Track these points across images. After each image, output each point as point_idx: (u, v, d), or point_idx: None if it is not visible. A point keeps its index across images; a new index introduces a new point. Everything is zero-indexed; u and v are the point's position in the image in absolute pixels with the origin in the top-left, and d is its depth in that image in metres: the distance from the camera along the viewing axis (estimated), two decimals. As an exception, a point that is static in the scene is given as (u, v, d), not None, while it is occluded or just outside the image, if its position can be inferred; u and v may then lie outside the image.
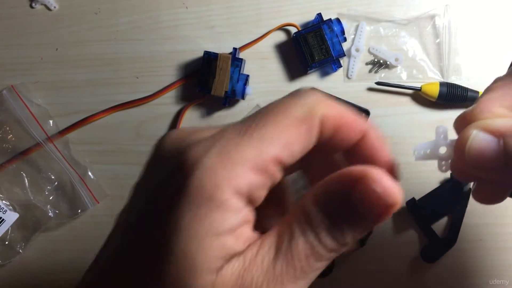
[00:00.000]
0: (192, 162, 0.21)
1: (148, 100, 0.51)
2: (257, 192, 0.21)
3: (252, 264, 0.21)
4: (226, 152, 0.21)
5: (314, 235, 0.21)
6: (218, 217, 0.20)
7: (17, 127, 0.50)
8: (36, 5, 0.53)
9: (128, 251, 0.22)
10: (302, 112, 0.22)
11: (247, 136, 0.21)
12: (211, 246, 0.20)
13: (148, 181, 0.23)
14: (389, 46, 0.51)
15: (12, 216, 0.49)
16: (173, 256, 0.20)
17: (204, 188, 0.20)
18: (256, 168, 0.21)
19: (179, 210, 0.20)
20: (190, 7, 0.53)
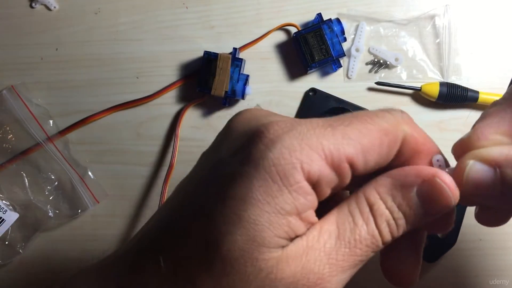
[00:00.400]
0: (272, 137, 0.21)
1: (148, 100, 0.51)
2: (324, 185, 0.21)
3: (315, 247, 0.21)
4: (307, 137, 0.21)
5: (376, 226, 0.22)
6: (289, 197, 0.20)
7: (17, 127, 0.50)
8: (36, 5, 0.53)
9: (190, 211, 0.22)
10: (388, 125, 0.22)
11: (330, 129, 0.21)
12: (280, 223, 0.20)
13: (217, 150, 0.23)
14: (389, 46, 0.51)
15: (12, 216, 0.49)
16: (242, 225, 0.20)
17: (280, 166, 0.20)
18: (331, 162, 0.21)
19: (252, 181, 0.20)
20: (190, 7, 0.53)
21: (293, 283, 0.20)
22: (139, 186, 0.51)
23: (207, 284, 0.20)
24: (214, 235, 0.20)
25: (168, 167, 0.49)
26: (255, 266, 0.20)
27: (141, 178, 0.51)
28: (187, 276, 0.21)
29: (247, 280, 0.20)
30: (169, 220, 0.22)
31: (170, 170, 0.48)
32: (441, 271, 0.49)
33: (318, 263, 0.21)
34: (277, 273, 0.20)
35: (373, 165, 0.22)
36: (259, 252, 0.20)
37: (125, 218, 0.50)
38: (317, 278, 0.21)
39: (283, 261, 0.20)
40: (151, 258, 0.21)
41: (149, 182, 0.51)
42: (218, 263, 0.20)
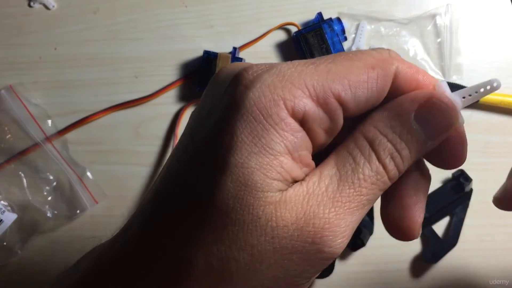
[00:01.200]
0: (251, 78, 0.20)
1: (147, 100, 0.51)
2: (313, 123, 0.20)
3: (316, 192, 0.20)
4: (287, 74, 0.20)
5: (379, 161, 0.21)
6: (276, 135, 0.20)
7: (15, 127, 0.50)
8: (34, 4, 0.52)
9: (179, 165, 0.21)
10: (375, 60, 0.21)
11: (312, 66, 0.21)
12: (271, 164, 0.19)
13: (203, 105, 0.23)
14: (390, 45, 0.51)
15: (10, 217, 0.48)
16: (231, 171, 0.19)
17: (262, 104, 0.19)
18: (316, 98, 0.20)
19: (235, 124, 0.19)
20: (190, 6, 0.52)
21: (297, 230, 0.19)
22: (138, 187, 0.50)
23: (206, 239, 0.19)
24: (205, 188, 0.20)
25: (167, 167, 0.48)
26: (253, 214, 0.19)
27: (140, 179, 0.50)
28: (185, 236, 0.20)
29: (247, 230, 0.19)
30: (164, 186, 0.22)
31: (170, 170, 0.48)
32: (443, 272, 0.48)
33: (323, 208, 0.20)
34: (277, 220, 0.19)
35: (364, 102, 0.21)
36: (253, 198, 0.19)
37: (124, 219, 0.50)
38: (324, 223, 0.20)
39: (281, 207, 0.19)
40: (148, 229, 0.21)
41: (148, 182, 0.50)
42: (213, 215, 0.19)
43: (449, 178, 0.49)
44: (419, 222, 0.24)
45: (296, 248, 0.19)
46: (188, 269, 0.19)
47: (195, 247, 0.19)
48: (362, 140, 0.21)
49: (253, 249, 0.19)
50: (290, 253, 0.19)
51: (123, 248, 0.21)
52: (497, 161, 0.50)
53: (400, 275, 0.49)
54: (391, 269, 0.49)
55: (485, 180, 0.49)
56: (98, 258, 0.22)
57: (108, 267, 0.21)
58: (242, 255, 0.19)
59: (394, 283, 0.49)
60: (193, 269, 0.19)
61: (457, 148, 0.23)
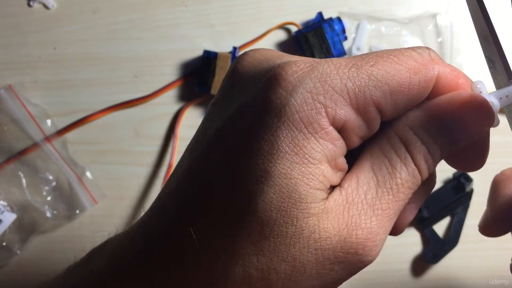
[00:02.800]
0: (291, 80, 0.19)
1: (147, 100, 0.51)
2: (351, 131, 0.20)
3: (356, 200, 0.20)
4: (330, 78, 0.19)
5: (415, 164, 0.20)
6: (317, 145, 0.19)
7: (14, 127, 0.50)
8: (34, 4, 0.52)
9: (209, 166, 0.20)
10: (417, 64, 0.20)
11: (355, 69, 0.20)
12: (313, 174, 0.19)
13: (229, 99, 0.21)
14: (390, 45, 0.51)
15: (9, 217, 0.48)
16: (274, 182, 0.18)
17: (303, 112, 0.19)
18: (357, 106, 0.20)
19: (275, 132, 0.19)
20: (189, 6, 0.52)
21: (340, 242, 0.19)
22: (138, 187, 0.50)
23: (247, 250, 0.19)
24: (245, 197, 0.19)
25: (167, 167, 0.48)
26: (296, 226, 0.19)
27: (140, 179, 0.50)
28: (224, 245, 0.19)
29: (289, 242, 0.19)
30: (190, 188, 0.20)
31: (169, 170, 0.48)
32: (443, 272, 0.48)
33: (364, 217, 0.19)
34: (320, 232, 0.19)
35: (403, 107, 0.21)
36: (297, 210, 0.19)
37: (124, 219, 0.50)
38: (367, 233, 0.19)
39: (323, 218, 0.19)
40: (182, 232, 0.19)
41: (148, 182, 0.50)
42: (255, 226, 0.19)
43: (450, 178, 0.49)
44: (407, 221, 0.23)
45: (338, 259, 0.19)
46: (225, 279, 0.19)
47: (233, 257, 0.19)
48: (397, 141, 0.21)
49: (295, 261, 0.19)
50: (332, 264, 0.19)
51: (146, 249, 0.20)
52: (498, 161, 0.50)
53: (401, 275, 0.49)
54: (392, 269, 0.49)
55: (485, 180, 0.49)
56: (115, 256, 0.21)
57: (129, 267, 0.20)
58: (283, 266, 0.19)
59: (394, 283, 0.49)
60: (229, 280, 0.19)
61: (480, 150, 0.23)
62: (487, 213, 0.28)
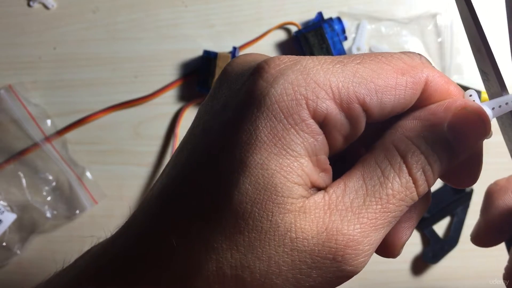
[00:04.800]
0: (273, 72, 0.19)
1: (147, 100, 0.51)
2: (333, 127, 0.19)
3: (340, 206, 0.19)
4: (312, 72, 0.19)
5: (410, 175, 0.20)
6: (296, 136, 0.18)
7: (14, 127, 0.50)
8: (34, 4, 0.52)
9: (189, 161, 0.19)
10: (406, 66, 0.20)
11: (339, 66, 0.19)
12: (291, 166, 0.18)
13: (216, 97, 0.21)
14: (390, 45, 0.51)
15: (9, 217, 0.48)
16: (250, 172, 0.18)
17: (283, 103, 0.18)
18: (340, 101, 0.19)
19: (254, 122, 0.18)
20: (189, 6, 0.52)
21: (318, 245, 0.18)
22: (138, 187, 0.50)
23: (221, 244, 0.18)
24: (222, 187, 0.18)
25: (167, 167, 0.48)
26: (271, 221, 0.18)
27: (139, 179, 0.50)
28: (198, 238, 0.18)
29: (264, 238, 0.18)
30: (172, 182, 0.20)
31: (169, 171, 0.48)
32: (443, 272, 0.48)
33: (347, 223, 0.18)
34: (296, 231, 0.18)
35: (390, 109, 0.20)
36: (273, 203, 0.18)
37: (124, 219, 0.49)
38: (348, 240, 0.18)
39: (301, 217, 0.18)
40: (159, 224, 0.19)
41: (148, 182, 0.50)
42: (230, 219, 0.18)
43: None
44: (403, 241, 0.23)
45: (315, 264, 0.18)
46: (197, 274, 0.18)
47: (207, 251, 0.18)
48: (393, 151, 0.20)
49: (270, 260, 0.18)
50: (309, 269, 0.18)
51: (126, 245, 0.20)
52: (497, 161, 0.50)
53: (401, 275, 0.49)
54: (392, 269, 0.49)
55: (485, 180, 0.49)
56: (97, 255, 0.21)
57: (108, 264, 0.20)
58: (258, 264, 0.18)
59: (394, 283, 0.49)
60: (202, 274, 0.18)
61: (474, 165, 0.22)
62: (480, 223, 0.28)
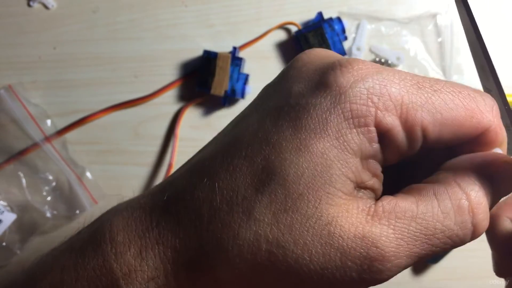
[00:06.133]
0: (355, 74, 0.20)
1: (147, 100, 0.51)
2: (390, 142, 0.20)
3: (383, 222, 0.19)
4: (390, 85, 0.20)
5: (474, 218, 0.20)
6: (356, 137, 0.19)
7: (14, 127, 0.50)
8: (34, 4, 0.52)
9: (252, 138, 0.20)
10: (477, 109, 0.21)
11: (416, 87, 0.20)
12: (348, 162, 0.19)
13: (287, 82, 0.22)
14: (390, 45, 0.51)
15: (9, 217, 0.48)
16: (310, 157, 0.19)
17: (355, 105, 0.19)
18: (405, 120, 0.20)
19: (324, 113, 0.19)
20: (189, 6, 0.52)
21: (351, 249, 0.18)
22: (138, 187, 0.50)
23: (265, 217, 0.19)
24: (278, 163, 0.19)
25: (167, 167, 0.48)
26: (317, 209, 0.18)
27: (140, 179, 0.50)
28: (244, 205, 0.19)
29: (305, 223, 0.18)
30: (225, 146, 0.21)
31: (169, 170, 0.48)
32: (443, 272, 0.48)
33: (384, 239, 0.19)
34: (336, 227, 0.18)
35: (445, 141, 0.21)
36: (324, 191, 0.19)
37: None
38: (379, 254, 0.19)
39: (343, 215, 0.19)
40: (204, 184, 0.20)
41: (148, 182, 0.50)
42: (279, 195, 0.19)
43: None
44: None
45: (342, 265, 0.19)
46: (233, 240, 0.19)
47: (249, 220, 0.19)
48: (457, 189, 0.20)
49: (304, 247, 0.18)
50: (335, 268, 0.19)
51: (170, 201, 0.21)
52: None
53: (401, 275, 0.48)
54: (392, 269, 0.49)
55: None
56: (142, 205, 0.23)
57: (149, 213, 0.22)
58: (292, 248, 0.18)
59: (394, 283, 0.48)
60: (237, 242, 0.19)
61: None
62: (493, 255, 0.28)
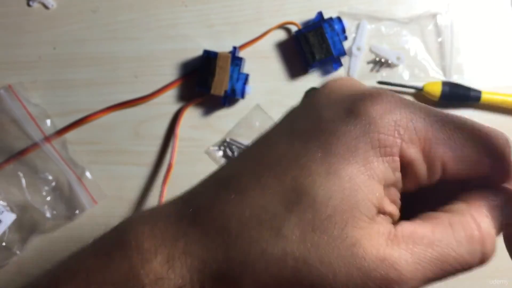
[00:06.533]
0: (385, 107, 0.21)
1: (146, 100, 0.51)
2: (411, 173, 0.21)
3: (402, 246, 0.20)
4: (416, 119, 0.21)
5: (483, 247, 0.22)
6: (382, 165, 0.20)
7: (14, 127, 0.50)
8: (33, 4, 0.52)
9: (282, 159, 0.21)
10: (493, 147, 0.22)
11: (440, 124, 0.21)
12: (373, 188, 0.20)
13: (315, 107, 0.23)
14: (390, 45, 0.51)
15: (9, 217, 0.48)
16: (339, 181, 0.20)
17: (383, 135, 0.20)
18: (427, 155, 0.21)
19: (353, 141, 0.20)
20: (189, 5, 0.52)
21: (373, 270, 0.19)
22: (138, 187, 0.50)
23: (293, 235, 0.19)
24: (308, 185, 0.20)
25: (167, 167, 0.48)
26: (343, 231, 0.19)
27: (139, 179, 0.50)
28: (273, 223, 0.19)
29: (331, 243, 0.19)
30: (252, 164, 0.21)
31: (169, 170, 0.48)
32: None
33: (404, 263, 0.20)
34: (359, 248, 0.19)
35: (462, 176, 0.22)
36: (350, 215, 0.19)
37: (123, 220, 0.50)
38: (398, 277, 0.19)
39: (366, 238, 0.19)
40: (234, 199, 0.20)
41: (148, 182, 0.50)
42: (308, 215, 0.19)
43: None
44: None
45: (362, 286, 0.19)
46: (260, 255, 0.19)
47: (277, 237, 0.19)
48: (471, 221, 0.21)
49: (329, 266, 0.19)
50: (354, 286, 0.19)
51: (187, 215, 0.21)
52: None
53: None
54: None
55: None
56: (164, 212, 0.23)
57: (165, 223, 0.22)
58: (318, 265, 0.19)
59: (394, 284, 0.49)
60: (264, 257, 0.19)
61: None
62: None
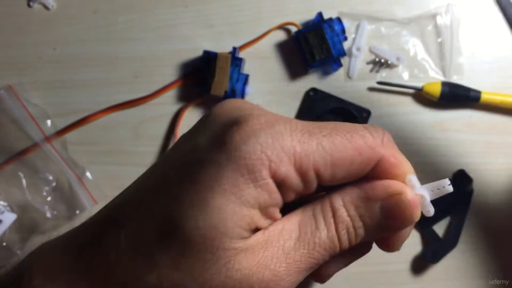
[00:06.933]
0: (248, 131, 0.22)
1: (146, 100, 0.51)
2: (289, 188, 0.22)
3: (274, 245, 0.22)
4: (282, 138, 0.22)
5: (336, 231, 0.23)
6: (254, 191, 0.21)
7: (14, 127, 0.50)
8: (33, 4, 0.52)
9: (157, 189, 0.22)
10: (365, 145, 0.23)
11: (307, 136, 0.22)
12: (243, 215, 0.21)
13: (196, 135, 0.24)
14: (390, 45, 0.51)
15: (9, 217, 0.48)
16: (207, 212, 0.21)
17: (250, 160, 0.21)
18: (299, 167, 0.22)
19: (221, 171, 0.21)
20: (190, 6, 0.52)
21: (247, 276, 0.21)
22: (138, 187, 0.50)
23: (165, 263, 0.21)
24: (178, 216, 0.21)
25: (167, 168, 0.48)
26: (215, 254, 0.21)
27: (140, 179, 0.50)
28: (146, 252, 0.21)
29: (204, 266, 0.21)
30: (135, 195, 0.23)
31: (169, 171, 0.48)
32: (443, 272, 0.48)
33: (275, 261, 0.21)
34: (234, 264, 0.21)
35: (340, 179, 0.23)
36: (220, 241, 0.21)
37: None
38: (272, 275, 0.21)
39: (241, 253, 0.21)
40: (113, 231, 0.22)
41: (148, 182, 0.50)
42: (178, 244, 0.21)
43: (450, 178, 0.49)
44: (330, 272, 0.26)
45: None
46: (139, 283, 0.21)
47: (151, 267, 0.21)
48: (328, 207, 0.23)
49: (205, 283, 0.21)
50: None
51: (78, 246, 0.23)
52: (497, 161, 0.50)
53: (401, 275, 0.49)
54: (391, 269, 0.49)
55: (485, 180, 0.49)
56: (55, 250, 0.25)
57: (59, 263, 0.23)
58: (192, 284, 0.21)
59: (394, 283, 0.49)
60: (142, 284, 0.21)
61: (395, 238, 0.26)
62: None
